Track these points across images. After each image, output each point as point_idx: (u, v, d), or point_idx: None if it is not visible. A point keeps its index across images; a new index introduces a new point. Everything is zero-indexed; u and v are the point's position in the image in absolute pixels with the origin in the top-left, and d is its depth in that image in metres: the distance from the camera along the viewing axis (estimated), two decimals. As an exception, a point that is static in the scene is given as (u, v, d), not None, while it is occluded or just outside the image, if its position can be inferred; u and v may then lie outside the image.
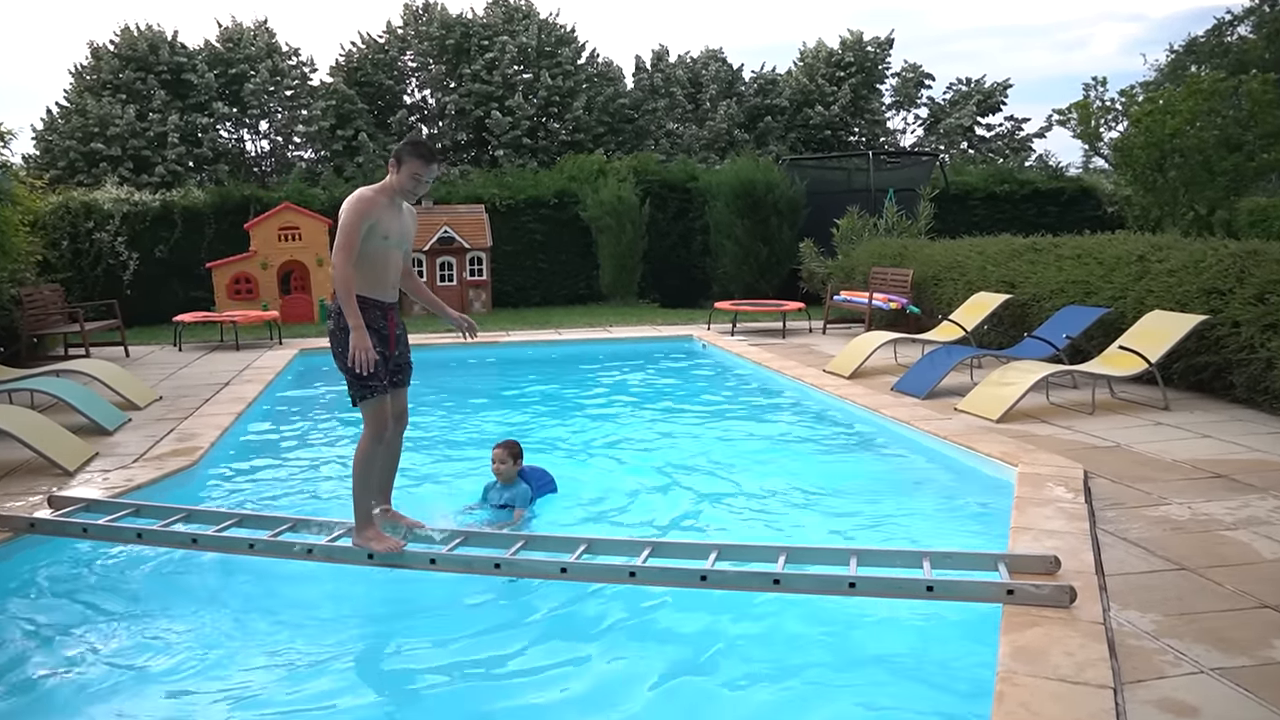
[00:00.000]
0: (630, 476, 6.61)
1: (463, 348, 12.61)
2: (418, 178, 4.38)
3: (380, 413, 4.49)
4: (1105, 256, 9.78)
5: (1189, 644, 3.60)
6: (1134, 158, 15.87)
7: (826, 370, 10.04)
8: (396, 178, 4.39)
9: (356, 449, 4.55)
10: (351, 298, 4.25)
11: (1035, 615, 3.82)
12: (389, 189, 4.42)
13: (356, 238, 4.29)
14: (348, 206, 4.32)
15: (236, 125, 26.90)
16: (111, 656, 3.99)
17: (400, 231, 4.49)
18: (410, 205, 4.62)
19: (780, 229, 17.53)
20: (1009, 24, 57.03)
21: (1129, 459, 6.33)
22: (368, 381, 4.38)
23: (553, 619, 4.32)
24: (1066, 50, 56.69)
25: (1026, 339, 9.40)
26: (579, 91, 27.02)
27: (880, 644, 4.06)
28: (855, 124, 29.89)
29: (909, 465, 6.94)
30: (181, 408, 8.57)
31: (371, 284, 4.41)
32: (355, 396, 4.46)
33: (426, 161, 4.37)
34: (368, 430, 4.51)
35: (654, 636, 4.18)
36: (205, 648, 4.04)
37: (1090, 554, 4.49)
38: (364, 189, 4.41)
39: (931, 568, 4.15)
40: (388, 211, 4.40)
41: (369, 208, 4.32)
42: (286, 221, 15.98)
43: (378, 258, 4.40)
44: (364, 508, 4.53)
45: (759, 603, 4.32)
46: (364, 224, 4.30)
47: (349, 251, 4.28)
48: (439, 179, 22.65)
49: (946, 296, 11.97)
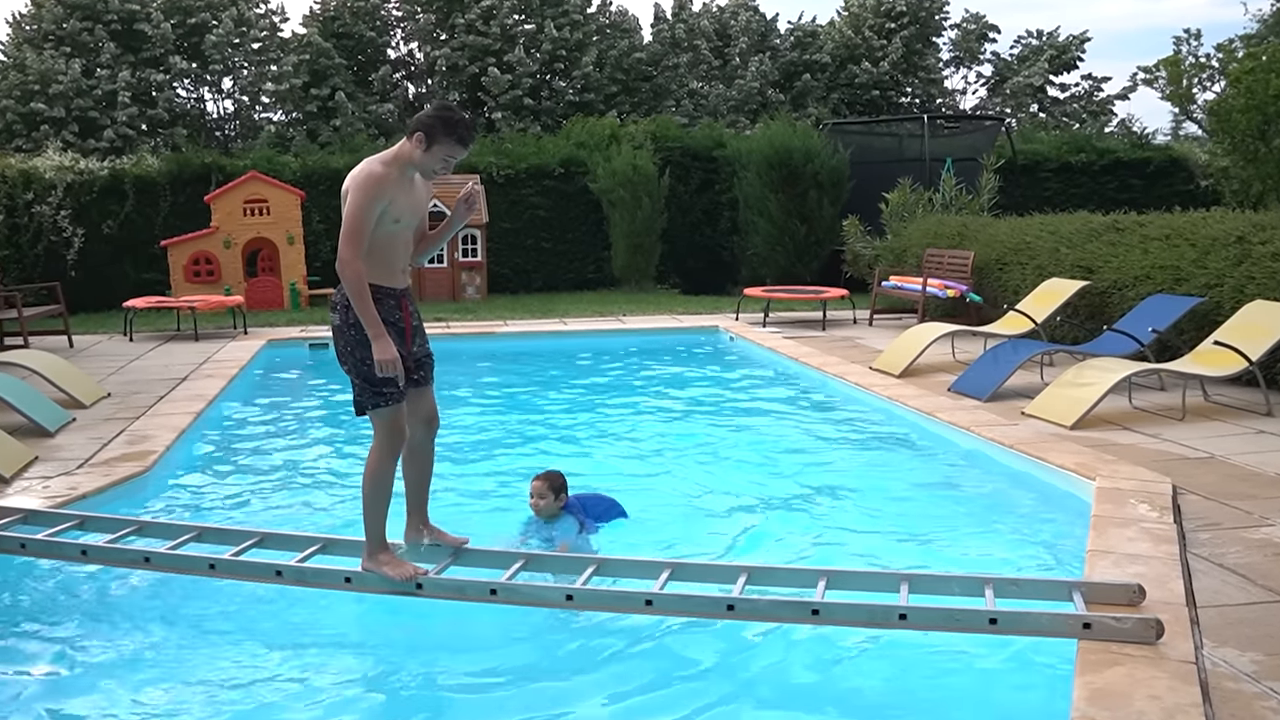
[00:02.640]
0: (645, 488, 6.61)
1: (451, 339, 12.65)
2: (449, 161, 4.22)
3: (396, 422, 4.32)
4: (1198, 238, 9.73)
5: (1295, 687, 3.58)
6: (1233, 123, 15.76)
7: (873, 367, 10.03)
8: (420, 154, 4.16)
9: (367, 464, 4.40)
10: (367, 297, 4.09)
11: (1116, 652, 3.80)
12: (402, 160, 4.20)
13: (369, 225, 4.11)
14: (358, 186, 4.11)
15: (196, 83, 27.08)
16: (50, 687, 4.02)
17: (413, 210, 4.32)
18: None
19: (820, 204, 17.52)
20: (1087, -33, 56.61)
21: (1226, 472, 6.30)
22: (381, 387, 4.21)
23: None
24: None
25: (1106, 333, 9.37)
26: (588, 45, 27.05)
27: (937, 682, 4.05)
28: (908, 83, 29.83)
29: (968, 478, 6.93)
30: (133, 406, 8.64)
31: (381, 272, 4.23)
32: (365, 404, 4.31)
33: (465, 146, 4.20)
34: (380, 443, 4.35)
35: (666, 663, 4.19)
36: (158, 671, 4.07)
37: (1180, 582, 4.47)
38: (373, 163, 4.17)
39: (995, 596, 4.13)
40: (401, 189, 4.21)
41: (383, 187, 4.12)
42: (253, 193, 16.07)
43: (388, 243, 4.24)
44: (375, 530, 4.42)
45: (796, 629, 4.32)
46: (378, 207, 4.12)
47: (359, 241, 4.09)
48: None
49: (1013, 283, 11.94)
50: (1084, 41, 30.88)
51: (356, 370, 4.27)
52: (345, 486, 6.88)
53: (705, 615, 4.26)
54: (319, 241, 17.71)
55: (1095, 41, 53.83)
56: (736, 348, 12.51)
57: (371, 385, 4.23)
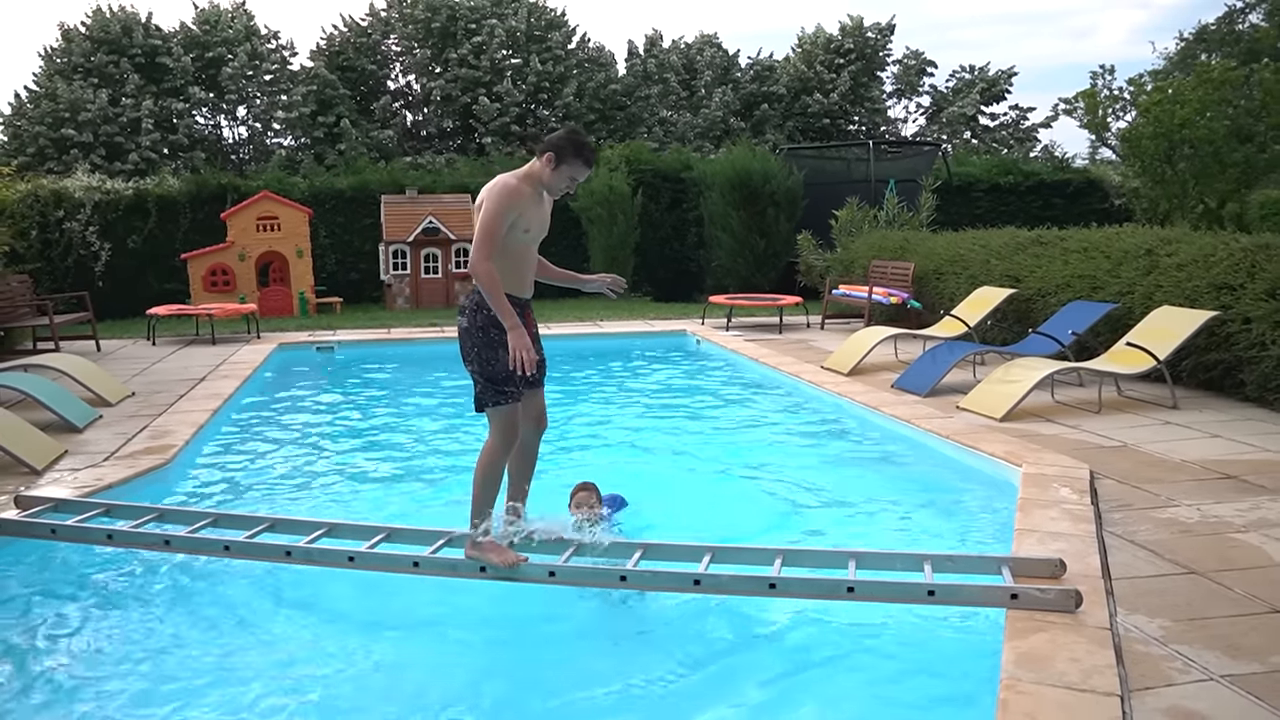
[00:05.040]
0: (618, 476, 6.58)
1: (446, 342, 12.59)
2: (574, 180, 4.18)
3: (512, 420, 4.25)
4: (1112, 250, 9.80)
5: (1198, 650, 3.60)
6: (1142, 148, 15.89)
7: (824, 367, 10.04)
8: (549, 173, 4.12)
9: (481, 454, 4.30)
10: (501, 294, 3.99)
11: (1040, 620, 3.82)
12: (535, 179, 4.16)
13: (501, 231, 4.03)
14: (494, 196, 4.04)
15: (213, 111, 26.84)
16: (82, 664, 3.96)
17: (541, 224, 4.24)
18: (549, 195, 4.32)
19: (777, 220, 17.54)
20: (1014, 10, 57.16)
21: (1137, 459, 6.35)
22: (503, 387, 4.15)
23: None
24: (1073, 38, 56.84)
25: (1031, 335, 9.41)
26: (569, 77, 27.00)
27: (879, 649, 4.05)
28: (855, 113, 29.94)
29: (909, 465, 6.94)
30: (155, 404, 8.53)
31: (511, 281, 4.14)
32: (487, 401, 4.20)
33: (589, 166, 4.16)
34: (496, 437, 4.26)
35: (635, 639, 4.18)
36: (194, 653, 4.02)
37: (1096, 557, 4.50)
38: (508, 178, 4.11)
39: (933, 571, 4.15)
40: (531, 204, 4.14)
41: (516, 199, 4.06)
42: (265, 211, 15.94)
43: (517, 252, 4.17)
44: (482, 517, 4.33)
45: (753, 603, 4.32)
46: (509, 216, 4.05)
47: (492, 245, 4.02)
48: (424, 167, 22.66)
49: (949, 291, 11.99)
50: (1011, 76, 31.11)
51: (481, 370, 4.18)
52: (351, 474, 6.84)
53: (672, 589, 4.29)
54: (325, 255, 17.61)
55: (1021, 76, 54.28)
56: (702, 349, 12.49)
57: (494, 384, 4.16)
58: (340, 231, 18.11)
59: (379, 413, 9.01)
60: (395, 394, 9.98)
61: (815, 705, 3.66)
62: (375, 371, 11.16)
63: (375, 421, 8.61)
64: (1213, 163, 15.31)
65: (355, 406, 9.33)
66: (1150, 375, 8.08)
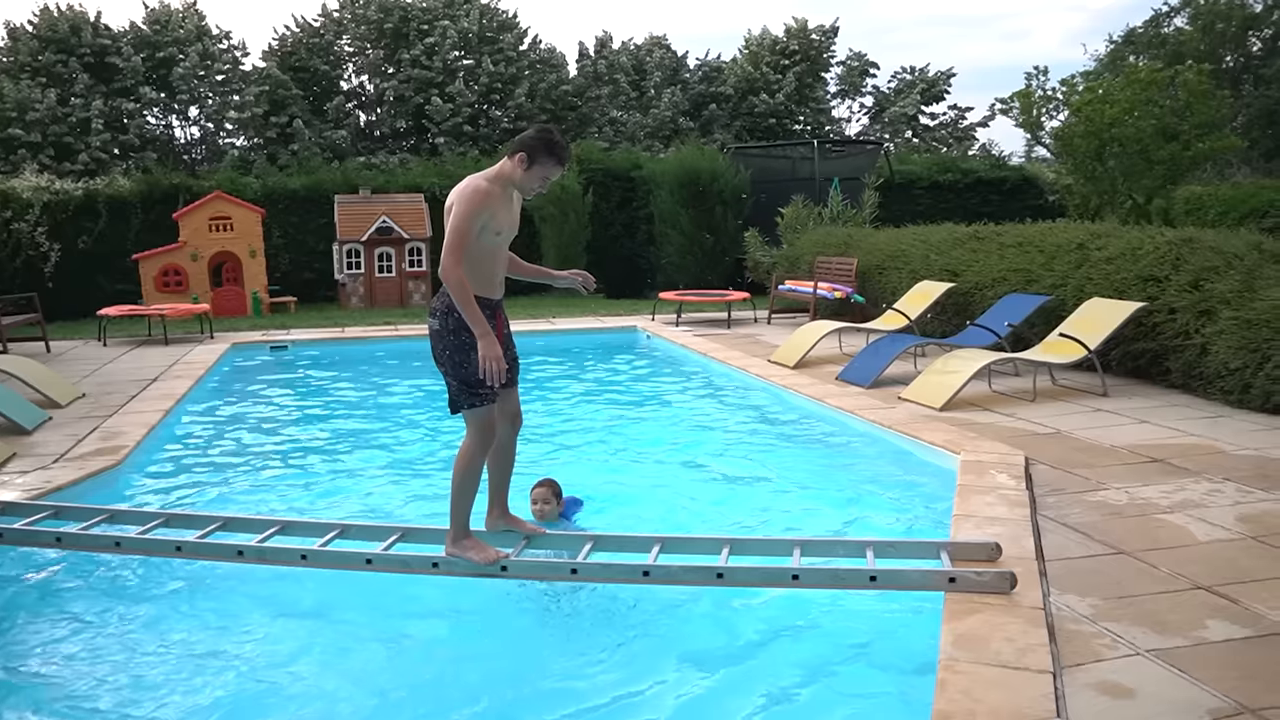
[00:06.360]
0: (570, 469, 6.57)
1: (399, 340, 12.49)
2: (547, 180, 4.08)
3: (488, 421, 4.15)
4: (1046, 245, 9.96)
5: (1126, 626, 3.68)
6: (1074, 147, 16.15)
7: (771, 360, 10.08)
8: (521, 172, 4.01)
9: (458, 456, 4.20)
10: (471, 301, 3.90)
11: (977, 602, 3.87)
12: (505, 179, 4.04)
13: (473, 234, 3.92)
14: (464, 199, 3.92)
15: (165, 111, 26.31)
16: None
17: (511, 225, 4.13)
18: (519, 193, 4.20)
19: (725, 218, 17.60)
20: (952, 13, 57.96)
21: (1069, 445, 6.46)
22: (478, 389, 4.05)
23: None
24: (1009, 40, 57.75)
25: (969, 327, 9.54)
26: (521, 78, 26.85)
27: (823, 632, 4.09)
28: (800, 112, 30.13)
29: (853, 454, 7.00)
30: (106, 405, 8.34)
31: (481, 282, 4.04)
32: (461, 404, 4.11)
33: (562, 165, 4.08)
34: (472, 439, 4.17)
35: (589, 628, 4.17)
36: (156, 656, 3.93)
37: (1031, 540, 4.57)
38: (478, 180, 3.99)
39: (875, 557, 4.18)
40: (502, 205, 4.03)
41: (487, 201, 3.94)
42: (218, 211, 15.65)
43: (487, 254, 4.06)
44: (461, 518, 4.25)
45: (702, 590, 4.33)
46: (481, 219, 3.94)
47: (463, 249, 3.90)
48: (378, 167, 22.40)
49: (891, 285, 12.11)
50: (950, 77, 31.50)
51: (454, 372, 4.08)
52: (304, 473, 6.75)
53: (623, 580, 4.27)
54: (278, 255, 17.34)
55: (959, 77, 54.98)
56: (653, 345, 12.50)
57: (468, 386, 4.06)
58: (294, 231, 17.85)
59: (333, 411, 8.89)
60: (349, 393, 9.85)
61: (760, 686, 3.68)
62: (330, 370, 11.02)
63: (330, 420, 8.50)
64: (1140, 160, 15.61)
65: (309, 405, 9.20)
66: (1082, 364, 8.22)
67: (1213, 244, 8.20)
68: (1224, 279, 7.74)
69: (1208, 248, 8.17)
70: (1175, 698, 3.17)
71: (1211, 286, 7.78)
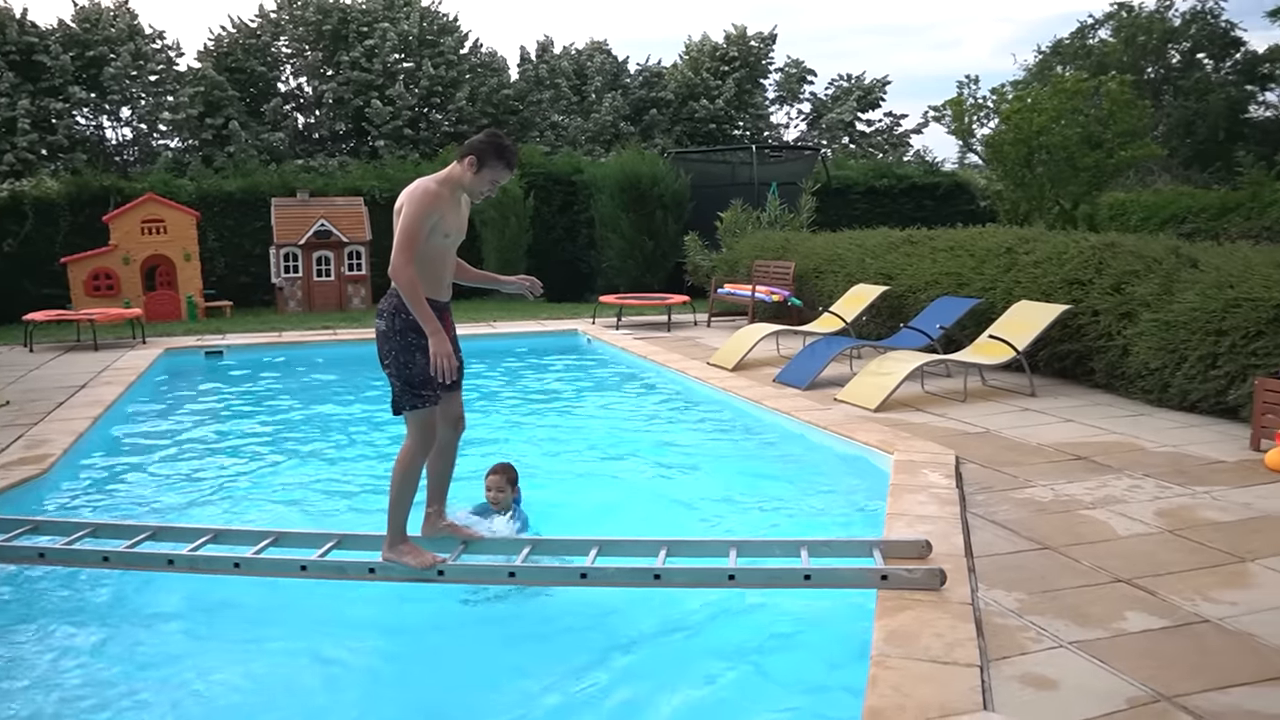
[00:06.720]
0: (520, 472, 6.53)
1: (339, 345, 12.31)
2: (495, 183, 4.10)
3: (429, 423, 4.13)
4: (976, 249, 10.16)
5: (1050, 619, 3.77)
6: (1004, 154, 16.47)
7: (710, 363, 10.13)
8: (470, 176, 4.04)
9: (398, 457, 4.16)
10: (422, 300, 3.91)
11: (908, 599, 3.93)
12: (454, 182, 4.06)
13: (422, 235, 3.93)
14: (414, 200, 3.93)
15: (95, 111, 25.56)
16: None
17: (460, 228, 4.14)
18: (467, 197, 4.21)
19: (665, 222, 17.64)
20: (887, 23, 58.91)
21: (998, 444, 6.60)
22: (421, 390, 4.04)
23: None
24: (942, 49, 58.83)
25: (903, 329, 9.68)
26: (462, 82, 26.63)
27: (760, 630, 4.12)
28: (740, 118, 30.31)
29: (790, 455, 7.07)
30: (32, 412, 8.08)
31: (430, 284, 4.04)
32: (403, 405, 4.08)
33: (511, 168, 4.10)
34: (413, 441, 4.14)
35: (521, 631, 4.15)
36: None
37: (960, 537, 4.66)
38: (428, 182, 4.01)
39: (810, 556, 4.23)
40: (451, 207, 4.05)
41: (436, 203, 3.96)
42: (150, 214, 15.25)
43: (437, 256, 4.07)
44: (399, 522, 4.21)
45: (640, 589, 4.33)
46: (430, 220, 3.95)
47: (413, 249, 3.90)
48: (316, 170, 22.04)
49: (827, 289, 12.24)
50: (885, 85, 31.94)
51: (398, 373, 4.06)
52: (238, 481, 6.61)
53: (561, 583, 4.28)
54: (214, 258, 16.97)
55: (894, 85, 55.80)
56: (594, 348, 12.49)
57: (411, 388, 4.04)
58: (229, 234, 17.47)
59: (269, 417, 8.73)
60: (286, 398, 9.68)
61: (695, 685, 3.69)
62: (267, 376, 10.81)
63: (265, 427, 8.34)
64: (1066, 167, 15.99)
65: (245, 411, 9.02)
66: (1011, 365, 8.41)
67: (1133, 249, 8.44)
68: (1144, 282, 7.97)
69: (1129, 252, 8.40)
70: (1096, 687, 3.25)
71: (1132, 290, 8.00)
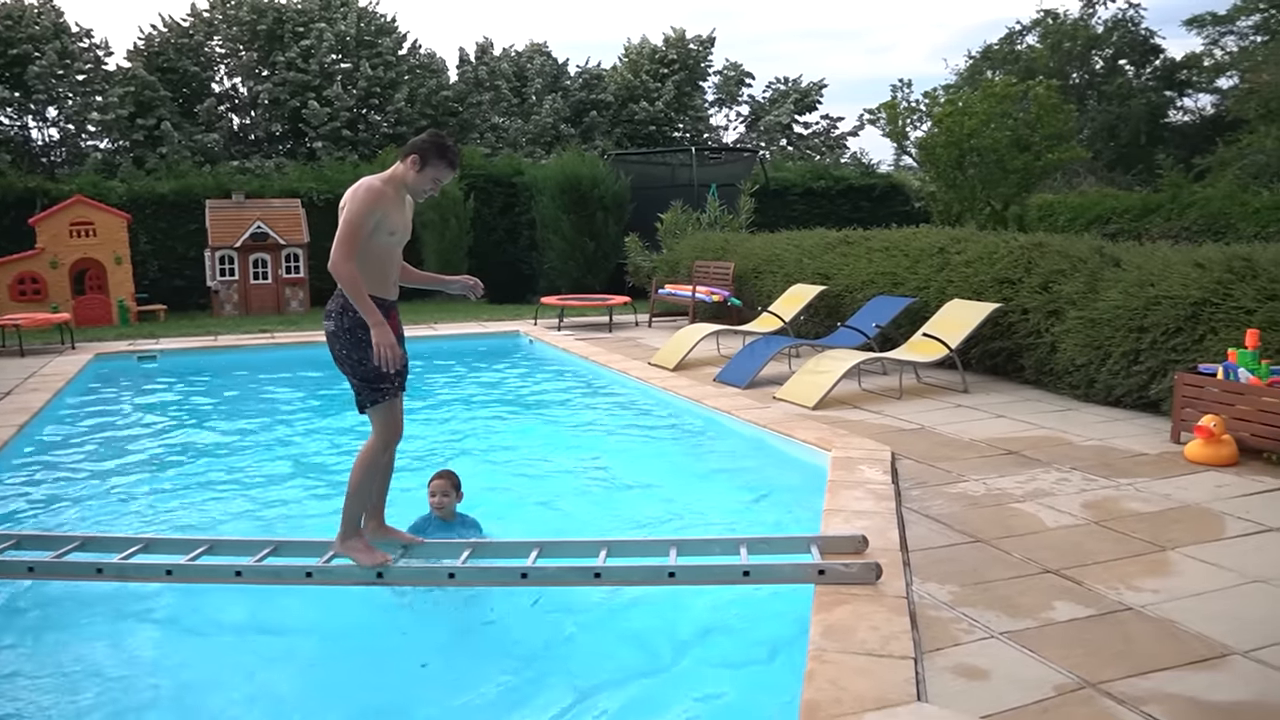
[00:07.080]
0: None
1: (277, 349, 12.08)
2: (438, 182, 4.09)
3: (392, 415, 4.15)
4: (910, 249, 10.32)
5: (981, 611, 3.84)
6: (936, 156, 16.75)
7: (651, 363, 10.15)
8: (413, 175, 4.04)
9: (361, 453, 4.17)
10: (364, 294, 3.89)
11: (845, 593, 3.97)
12: (397, 181, 4.07)
13: (363, 232, 3.92)
14: (357, 198, 3.93)
15: (20, 111, 24.77)
16: None
17: (404, 227, 4.12)
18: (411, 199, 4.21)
19: (606, 224, 17.63)
20: (823, 27, 59.67)
21: (932, 440, 6.71)
22: (379, 384, 4.04)
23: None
24: (876, 54, 59.78)
25: (840, 328, 9.79)
26: (401, 83, 26.34)
27: (699, 628, 4.13)
28: (679, 120, 30.46)
29: (730, 454, 7.11)
30: (-46, 421, 7.79)
31: (375, 282, 4.02)
32: (365, 401, 4.10)
33: (453, 168, 4.10)
34: (377, 437, 4.15)
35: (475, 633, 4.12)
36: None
37: (896, 531, 4.72)
38: (372, 180, 4.01)
39: (748, 553, 4.25)
40: (395, 205, 4.04)
41: (380, 200, 3.96)
42: (79, 216, 14.81)
43: (383, 254, 4.05)
44: (354, 516, 4.20)
45: (584, 592, 4.32)
46: (374, 217, 3.94)
47: (354, 245, 3.90)
48: (252, 172, 21.62)
49: (766, 289, 12.33)
50: (822, 88, 32.34)
51: (355, 372, 4.05)
52: (171, 489, 6.45)
53: (502, 584, 4.24)
54: (146, 261, 16.56)
55: (831, 88, 56.61)
56: (535, 349, 12.43)
57: (369, 384, 4.04)
58: (162, 237, 17.05)
59: (203, 424, 8.52)
60: (222, 403, 9.47)
61: (634, 678, 3.69)
62: (201, 381, 10.56)
63: (199, 433, 8.14)
64: (997, 169, 16.32)
65: (179, 417, 8.80)
66: (944, 363, 8.55)
67: (1060, 248, 8.64)
68: (1070, 281, 8.16)
69: (1055, 252, 8.60)
70: (1025, 676, 3.32)
71: (1059, 288, 8.19)
